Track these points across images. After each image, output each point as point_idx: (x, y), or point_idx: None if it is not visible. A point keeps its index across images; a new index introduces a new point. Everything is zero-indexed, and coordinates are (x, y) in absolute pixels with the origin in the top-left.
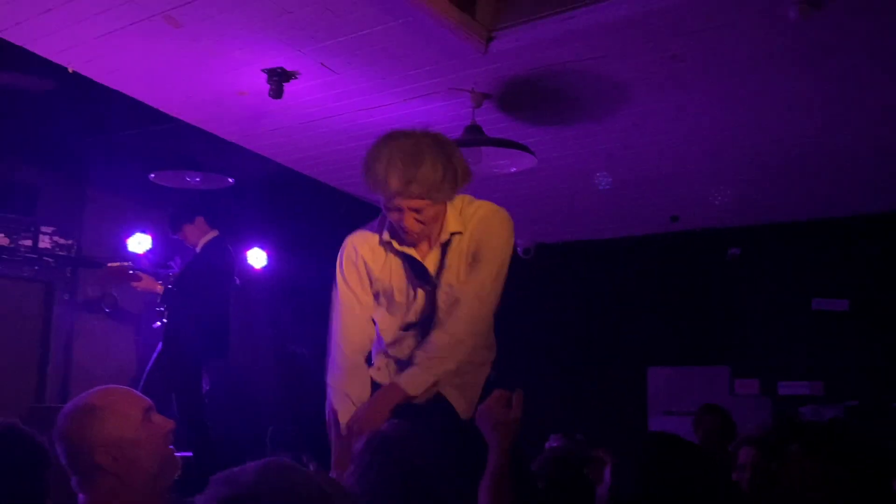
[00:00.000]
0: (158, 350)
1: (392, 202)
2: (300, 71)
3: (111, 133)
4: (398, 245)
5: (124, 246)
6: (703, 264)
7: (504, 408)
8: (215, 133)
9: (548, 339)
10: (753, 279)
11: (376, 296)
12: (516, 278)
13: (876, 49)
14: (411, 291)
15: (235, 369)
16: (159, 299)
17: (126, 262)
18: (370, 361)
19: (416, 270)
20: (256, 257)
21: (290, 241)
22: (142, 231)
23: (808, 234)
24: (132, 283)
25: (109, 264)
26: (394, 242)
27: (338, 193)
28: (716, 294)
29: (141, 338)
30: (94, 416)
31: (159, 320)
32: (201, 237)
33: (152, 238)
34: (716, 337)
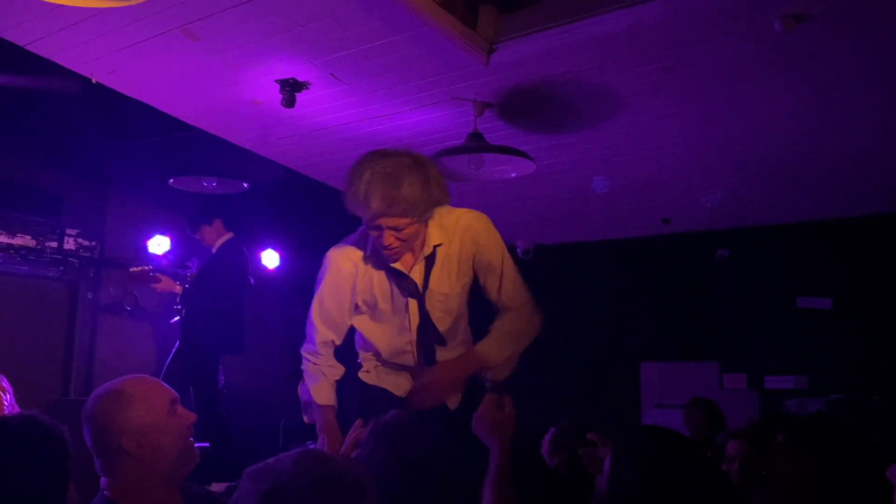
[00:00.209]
0: (177, 346)
1: (373, 222)
2: (311, 81)
3: (132, 141)
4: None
5: (144, 247)
6: (694, 265)
7: (497, 410)
8: (231, 140)
9: (546, 336)
10: (741, 279)
11: (357, 308)
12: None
13: (855, 61)
14: (401, 304)
15: (250, 364)
16: (178, 298)
17: (147, 266)
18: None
19: (403, 283)
20: (270, 258)
21: (302, 243)
22: (161, 233)
23: (793, 236)
24: (152, 285)
25: (132, 269)
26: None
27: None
28: (705, 293)
29: (160, 334)
30: (124, 402)
31: (177, 317)
32: (218, 238)
33: (171, 240)
34: (705, 333)
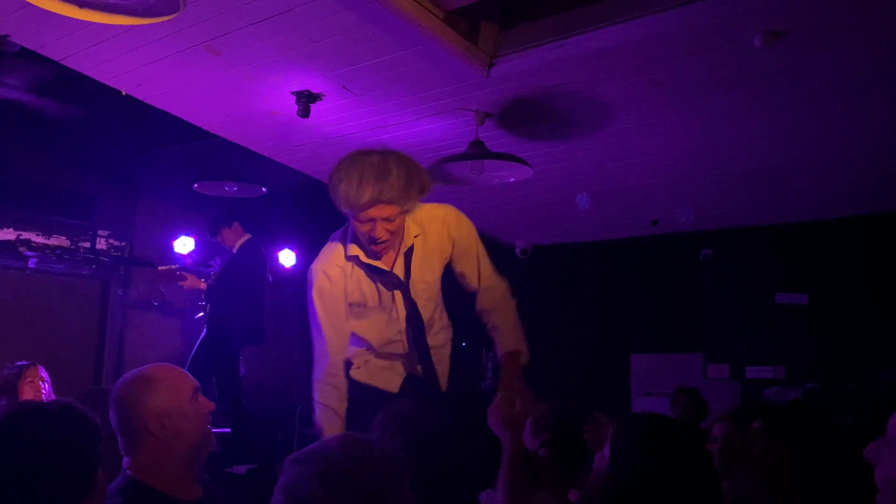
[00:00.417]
0: (201, 338)
1: (364, 214)
2: (325, 93)
3: (159, 148)
4: (365, 258)
5: (171, 247)
6: (680, 263)
7: (509, 406)
8: (250, 148)
9: (542, 330)
10: (724, 276)
11: (350, 307)
12: (514, 276)
13: (828, 74)
14: (388, 298)
15: (269, 355)
16: (202, 295)
17: (174, 265)
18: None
19: (387, 279)
20: (287, 257)
21: (316, 243)
22: (186, 234)
23: (772, 237)
24: (179, 283)
25: (160, 267)
26: (361, 255)
27: None
28: (691, 289)
29: (185, 328)
30: (151, 386)
31: (202, 312)
32: (237, 239)
33: (195, 240)
34: (691, 327)
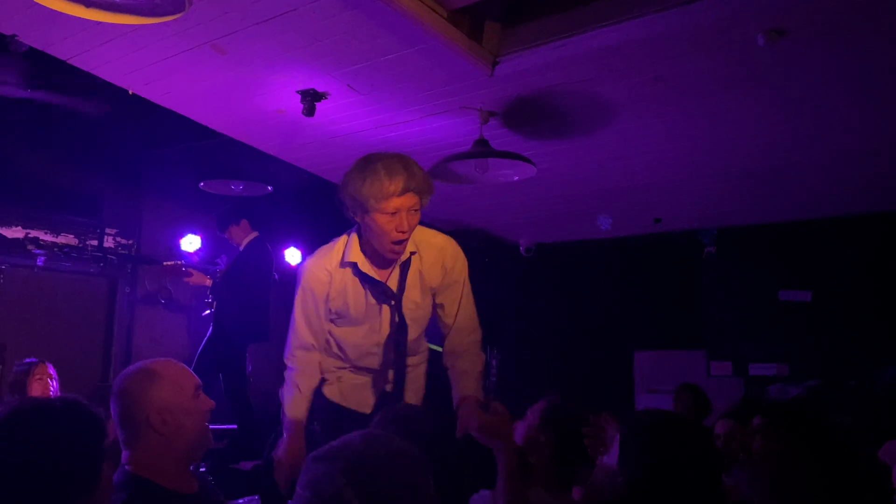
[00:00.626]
0: (208, 336)
1: (392, 204)
2: (330, 92)
3: (166, 147)
4: (363, 265)
5: (177, 245)
6: (683, 261)
7: (482, 411)
8: (256, 146)
9: (547, 327)
10: (727, 274)
11: (330, 312)
12: (518, 274)
13: (830, 72)
14: (373, 310)
15: (274, 353)
16: (208, 292)
17: (179, 261)
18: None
19: (378, 291)
20: (292, 255)
21: (322, 241)
22: (193, 232)
23: (776, 235)
24: (185, 279)
25: (165, 263)
26: (361, 262)
27: None
28: (694, 287)
29: (192, 326)
30: (155, 380)
31: (208, 310)
32: (244, 237)
33: (202, 238)
34: (694, 324)
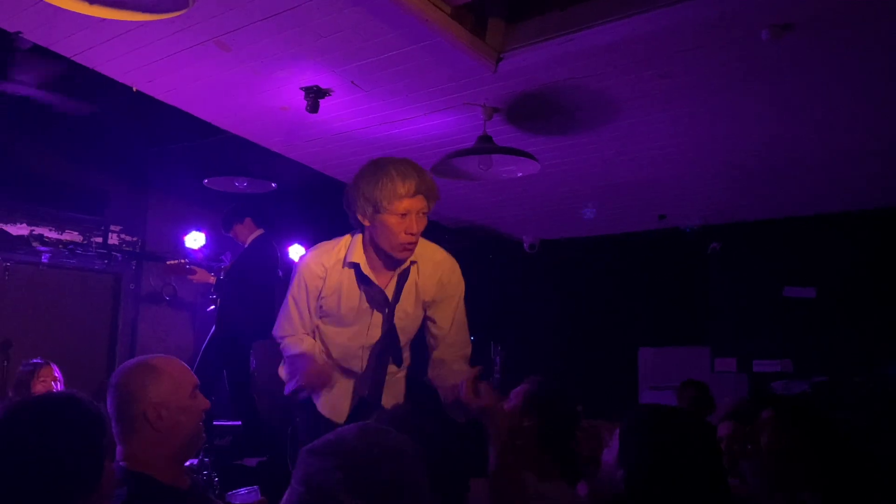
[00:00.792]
0: (212, 333)
1: (404, 206)
2: (333, 88)
3: (170, 144)
4: (365, 268)
5: (182, 242)
6: (688, 257)
7: (474, 395)
8: (260, 143)
9: (551, 323)
10: (731, 270)
11: (321, 308)
12: (523, 271)
13: (837, 67)
14: (365, 314)
15: (278, 349)
16: (212, 289)
17: (183, 259)
18: None
19: (375, 295)
20: (296, 252)
21: (325, 238)
22: (197, 229)
23: (780, 231)
24: (189, 277)
25: (168, 262)
26: (363, 264)
27: None
28: (698, 283)
29: (197, 322)
30: (153, 375)
31: (212, 307)
32: (249, 234)
33: (206, 235)
34: (698, 321)
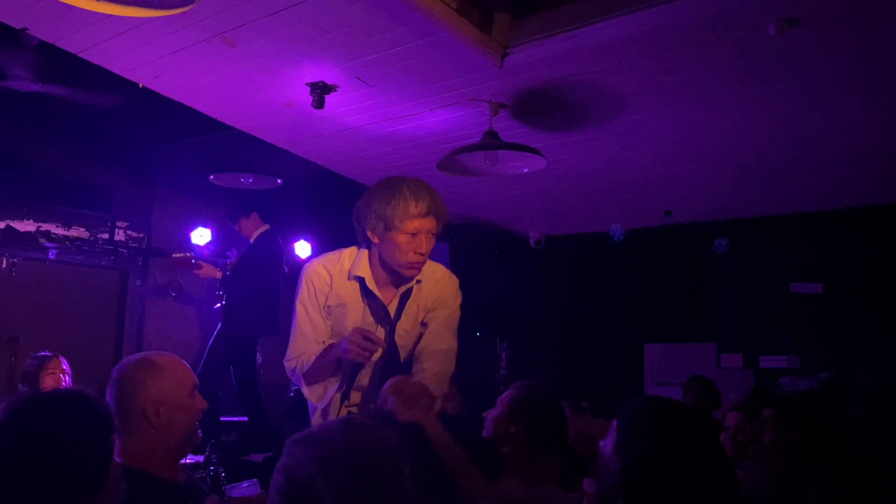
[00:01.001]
0: (218, 328)
1: (414, 226)
2: (339, 84)
3: (176, 140)
4: (370, 283)
5: (188, 238)
6: (694, 253)
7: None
8: (265, 139)
9: (556, 319)
10: (738, 266)
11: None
12: (529, 267)
13: (843, 63)
14: (368, 328)
15: (284, 345)
16: (218, 284)
17: (188, 253)
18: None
19: (378, 311)
20: (302, 248)
21: (332, 234)
22: (203, 225)
23: (787, 227)
24: (195, 271)
25: (174, 255)
26: (368, 279)
27: None
28: (704, 279)
29: (203, 318)
30: (155, 372)
31: (219, 302)
32: (255, 230)
33: (212, 231)
34: (704, 317)
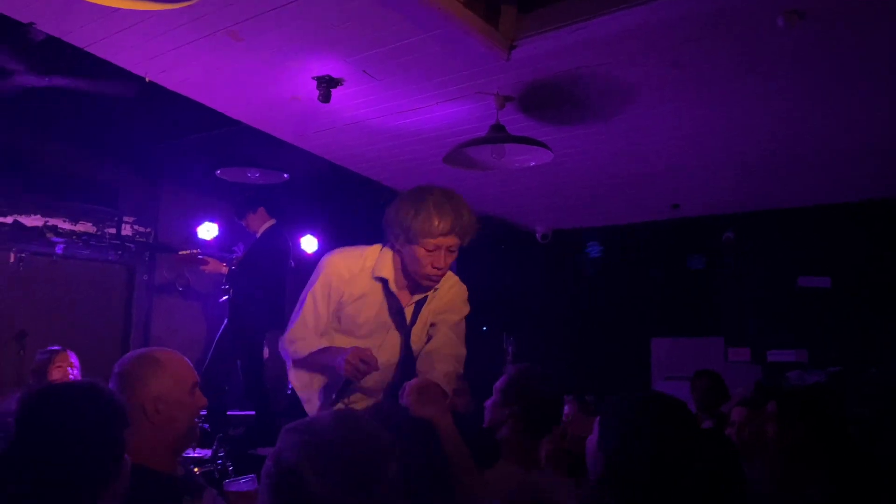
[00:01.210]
0: (225, 323)
1: (435, 242)
2: (345, 78)
3: (182, 135)
4: (392, 285)
5: (194, 233)
6: (701, 247)
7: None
8: (272, 134)
9: (563, 314)
10: (746, 260)
11: (338, 318)
12: (536, 261)
13: (852, 56)
14: (382, 328)
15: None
16: (225, 279)
17: (195, 249)
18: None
19: (395, 313)
20: (309, 243)
21: (338, 229)
22: (209, 220)
23: (795, 220)
24: (201, 267)
25: (180, 252)
26: (390, 281)
27: (377, 186)
28: (712, 273)
29: (210, 313)
30: (156, 368)
31: (225, 297)
32: (261, 225)
33: (218, 226)
34: (712, 311)
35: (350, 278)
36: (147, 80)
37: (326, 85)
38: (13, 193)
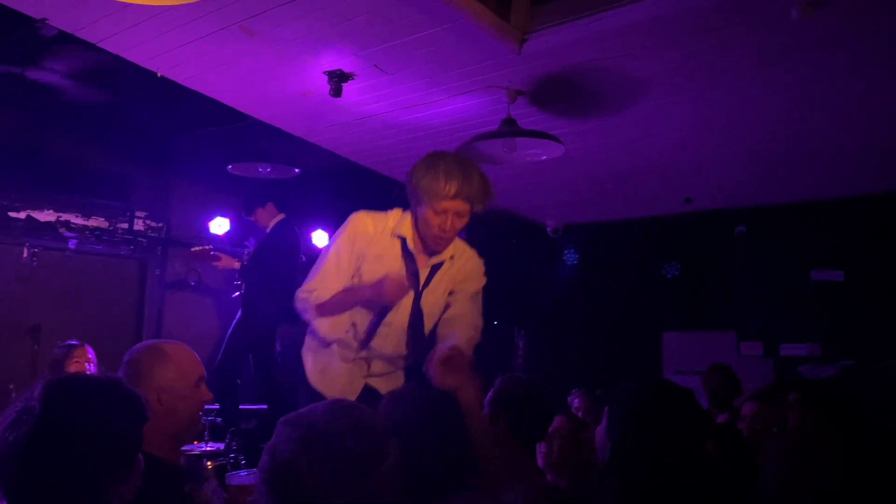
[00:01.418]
0: (237, 317)
1: (443, 205)
2: (356, 72)
3: (194, 130)
4: (410, 243)
5: (206, 228)
6: (713, 240)
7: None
8: (284, 128)
9: (575, 308)
10: (758, 253)
11: (359, 275)
12: (547, 255)
13: (868, 47)
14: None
15: (303, 333)
16: (237, 274)
17: (207, 246)
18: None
19: (411, 273)
20: (319, 238)
21: None
22: (221, 215)
23: (807, 214)
24: (213, 263)
25: (193, 249)
26: (409, 239)
27: (388, 181)
28: (724, 266)
29: (221, 308)
30: (161, 359)
31: (237, 292)
32: (271, 219)
33: (230, 221)
34: (724, 305)
35: (374, 234)
36: (159, 76)
37: (338, 79)
38: (26, 189)
